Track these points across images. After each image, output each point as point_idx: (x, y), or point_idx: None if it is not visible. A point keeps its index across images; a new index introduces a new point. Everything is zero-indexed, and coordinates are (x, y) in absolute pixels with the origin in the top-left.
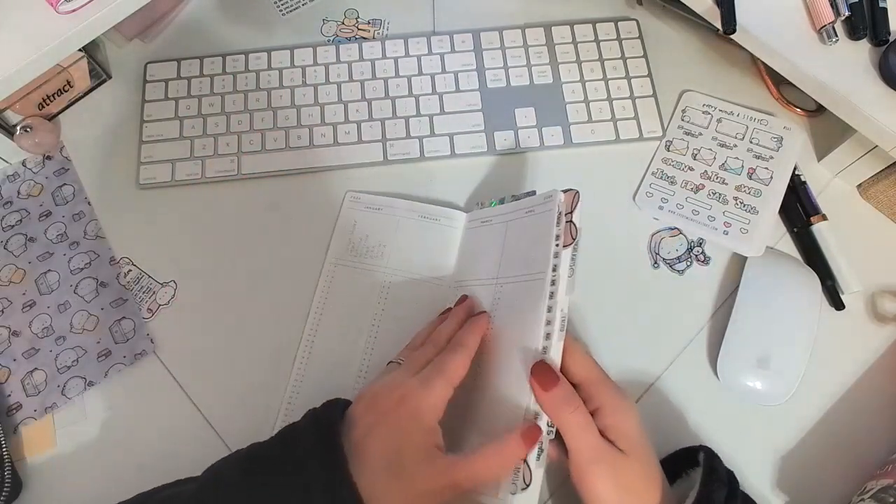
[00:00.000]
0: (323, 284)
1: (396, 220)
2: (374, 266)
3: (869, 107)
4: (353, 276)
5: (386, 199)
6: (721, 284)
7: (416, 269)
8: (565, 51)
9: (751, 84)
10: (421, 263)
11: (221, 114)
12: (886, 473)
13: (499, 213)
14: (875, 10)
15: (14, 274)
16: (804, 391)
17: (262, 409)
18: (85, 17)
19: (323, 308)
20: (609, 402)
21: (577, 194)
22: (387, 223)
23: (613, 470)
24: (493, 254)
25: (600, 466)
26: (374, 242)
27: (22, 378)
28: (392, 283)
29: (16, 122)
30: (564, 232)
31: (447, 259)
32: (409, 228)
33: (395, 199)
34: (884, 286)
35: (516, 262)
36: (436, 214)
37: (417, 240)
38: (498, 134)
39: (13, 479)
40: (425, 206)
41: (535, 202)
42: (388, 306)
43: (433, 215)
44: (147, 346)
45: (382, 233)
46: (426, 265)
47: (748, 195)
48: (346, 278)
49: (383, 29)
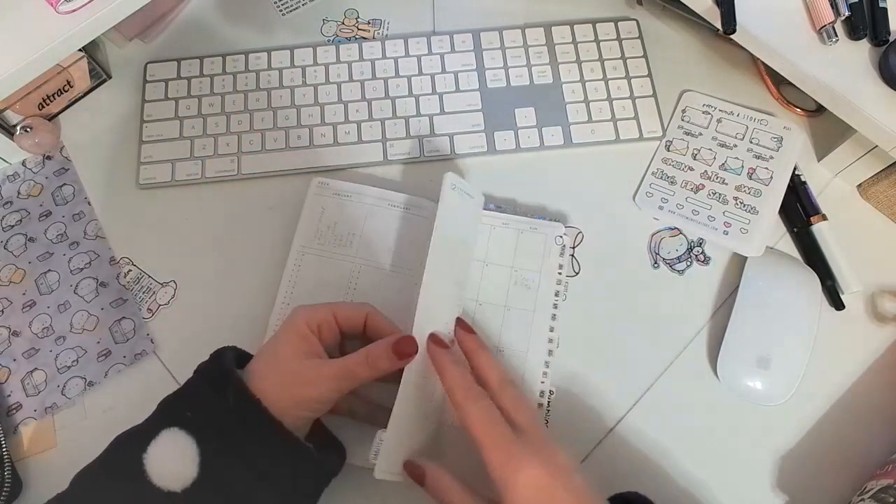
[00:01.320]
0: (290, 271)
1: (366, 207)
2: (342, 255)
3: (869, 107)
4: (320, 263)
5: (354, 186)
6: (721, 284)
7: (383, 258)
8: (565, 51)
9: (751, 84)
10: (387, 253)
11: (221, 114)
12: (886, 473)
13: (490, 218)
14: (875, 10)
15: (14, 274)
16: (804, 391)
17: None
18: (85, 17)
19: (291, 295)
20: (492, 472)
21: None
22: (356, 211)
23: None
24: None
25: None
26: (342, 230)
27: (22, 378)
28: (361, 272)
29: (16, 122)
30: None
31: (413, 250)
32: (379, 217)
33: (363, 187)
34: (884, 286)
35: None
36: (407, 204)
37: (387, 229)
38: (498, 134)
39: (13, 479)
40: (394, 194)
41: (536, 224)
42: (356, 296)
43: (402, 204)
44: (147, 346)
45: (351, 221)
46: (393, 255)
47: (748, 195)
48: (314, 265)
49: (383, 29)
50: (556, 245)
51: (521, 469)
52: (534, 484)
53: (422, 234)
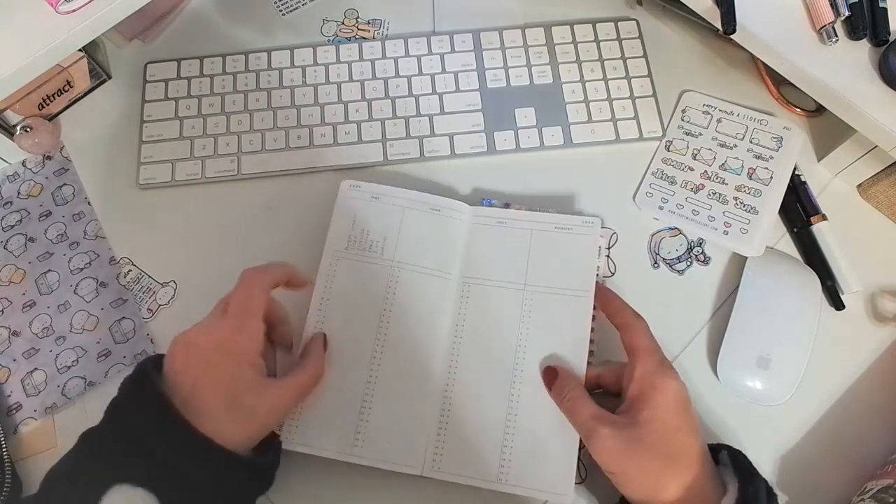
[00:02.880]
0: (324, 278)
1: (401, 210)
2: (376, 259)
3: (869, 107)
4: (355, 269)
5: (388, 189)
6: (721, 284)
7: (422, 261)
8: (565, 51)
9: (751, 84)
10: (426, 256)
11: (221, 114)
12: (886, 473)
13: (519, 217)
14: (875, 10)
15: (14, 274)
16: (804, 391)
17: None
18: (85, 17)
19: (327, 304)
20: (643, 373)
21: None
22: (390, 213)
23: (612, 440)
24: (517, 258)
25: (595, 438)
26: (376, 234)
27: (22, 378)
28: (399, 276)
29: (16, 122)
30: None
31: (453, 252)
32: (414, 219)
33: (396, 189)
34: (884, 286)
35: (549, 273)
36: (439, 205)
37: (423, 231)
38: (498, 134)
39: (13, 479)
40: (429, 196)
41: (571, 221)
42: (396, 301)
43: (437, 206)
44: (147, 346)
45: (385, 223)
46: (432, 258)
47: (748, 195)
48: (349, 271)
49: (383, 29)
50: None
51: (674, 378)
52: (679, 393)
53: (458, 237)
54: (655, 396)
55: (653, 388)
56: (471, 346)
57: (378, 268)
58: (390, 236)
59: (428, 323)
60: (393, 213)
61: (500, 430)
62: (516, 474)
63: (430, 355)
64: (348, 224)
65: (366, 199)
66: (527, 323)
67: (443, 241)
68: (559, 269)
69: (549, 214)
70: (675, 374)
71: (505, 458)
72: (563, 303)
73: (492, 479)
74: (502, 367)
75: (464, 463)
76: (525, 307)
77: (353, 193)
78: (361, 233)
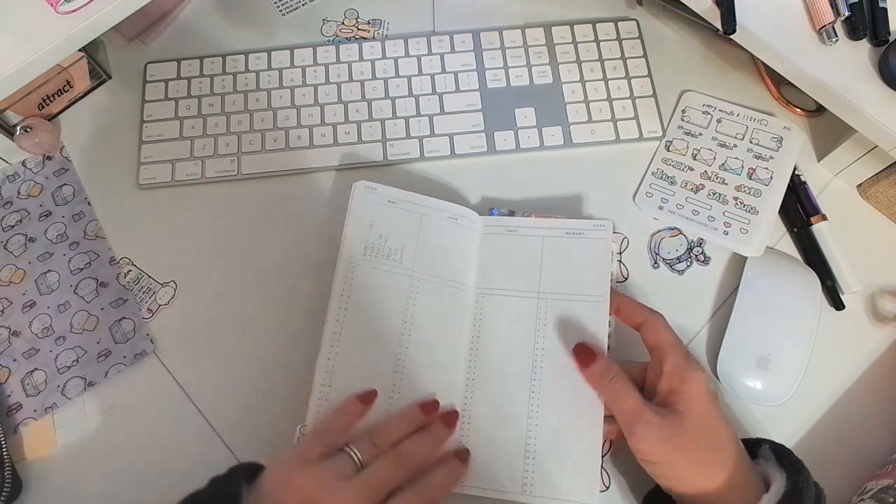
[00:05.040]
0: (340, 285)
1: (419, 217)
2: (396, 267)
3: (869, 107)
4: (375, 277)
5: (404, 193)
6: (721, 284)
7: (442, 272)
8: (565, 51)
9: (751, 84)
10: (446, 266)
11: (221, 114)
12: (886, 473)
13: (529, 225)
14: (875, 10)
15: (14, 274)
16: (804, 391)
17: (263, 409)
18: (85, 17)
19: (344, 314)
20: (673, 367)
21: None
22: (408, 220)
23: (658, 430)
24: (530, 266)
25: (641, 426)
26: (395, 241)
27: (22, 378)
28: (420, 287)
29: (16, 122)
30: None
31: (469, 263)
32: (433, 227)
33: (413, 194)
34: (884, 286)
35: (563, 279)
36: (456, 213)
37: (442, 240)
38: (498, 134)
39: (13, 479)
40: (446, 203)
41: (582, 226)
42: (416, 314)
43: (455, 214)
44: (147, 347)
45: (404, 230)
46: (452, 269)
47: (748, 195)
48: (367, 280)
49: (383, 29)
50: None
51: (701, 370)
52: (706, 387)
53: (471, 247)
54: (687, 389)
55: (683, 381)
56: (488, 357)
57: (399, 277)
58: (409, 244)
59: (448, 336)
60: (411, 220)
61: (521, 441)
62: (541, 485)
63: (450, 370)
64: (365, 228)
65: (382, 202)
66: (543, 331)
67: (460, 251)
68: (573, 274)
69: (558, 220)
70: (701, 366)
71: (528, 468)
72: (578, 309)
73: (517, 490)
74: (520, 377)
75: (488, 475)
76: (540, 315)
77: (368, 196)
78: (379, 238)
